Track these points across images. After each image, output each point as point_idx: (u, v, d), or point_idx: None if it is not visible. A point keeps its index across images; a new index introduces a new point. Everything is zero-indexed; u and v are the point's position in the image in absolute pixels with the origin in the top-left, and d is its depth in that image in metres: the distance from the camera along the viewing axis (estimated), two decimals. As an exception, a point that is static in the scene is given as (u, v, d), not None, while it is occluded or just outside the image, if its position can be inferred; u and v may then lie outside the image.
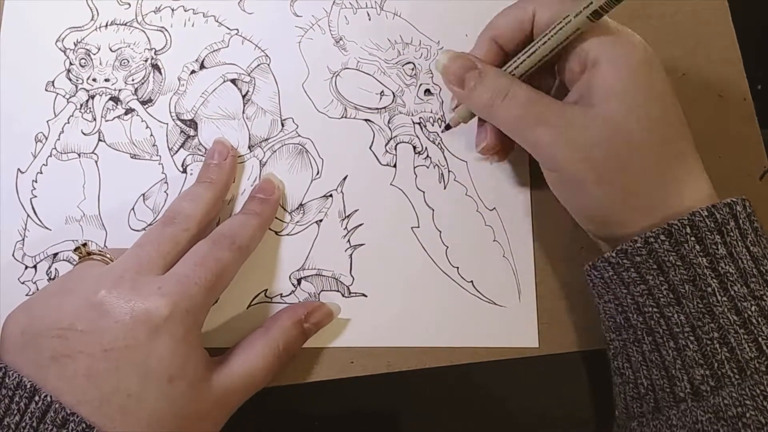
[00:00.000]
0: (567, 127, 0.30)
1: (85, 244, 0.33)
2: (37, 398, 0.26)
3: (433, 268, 0.37)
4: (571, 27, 0.31)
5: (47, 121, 0.39)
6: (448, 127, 0.37)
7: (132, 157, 0.38)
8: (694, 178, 0.31)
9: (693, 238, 0.29)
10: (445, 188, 0.38)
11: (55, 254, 0.37)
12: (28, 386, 0.27)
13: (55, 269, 0.37)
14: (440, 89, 0.39)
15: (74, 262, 0.33)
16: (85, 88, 0.39)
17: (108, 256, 0.32)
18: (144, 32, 0.40)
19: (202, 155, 0.38)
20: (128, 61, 0.39)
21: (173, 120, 0.39)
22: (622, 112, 0.30)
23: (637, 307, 0.30)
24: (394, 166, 0.38)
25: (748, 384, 0.27)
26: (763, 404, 0.26)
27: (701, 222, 0.29)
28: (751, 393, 0.27)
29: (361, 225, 0.37)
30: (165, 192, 0.38)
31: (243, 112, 0.39)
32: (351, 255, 0.37)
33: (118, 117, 0.39)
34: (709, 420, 0.27)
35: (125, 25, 0.40)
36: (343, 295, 0.36)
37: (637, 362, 0.31)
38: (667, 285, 0.29)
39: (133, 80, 0.39)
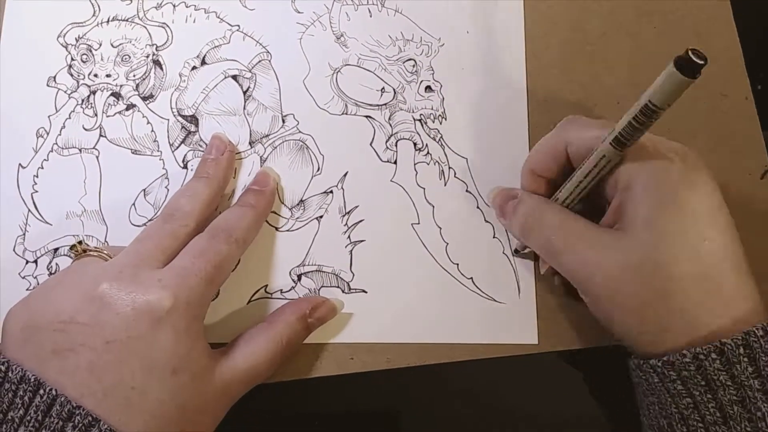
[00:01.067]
0: (595, 253, 0.30)
1: (81, 242, 0.33)
2: (41, 392, 0.26)
3: (433, 265, 0.37)
4: (597, 155, 0.30)
5: (48, 117, 0.39)
6: (516, 252, 0.37)
7: (133, 153, 0.38)
8: (742, 293, 0.29)
9: (746, 359, 0.27)
10: (445, 185, 0.38)
11: (56, 249, 0.37)
12: (32, 380, 0.27)
13: (56, 264, 0.37)
14: (441, 86, 0.39)
15: (72, 259, 0.33)
16: (86, 84, 0.39)
17: (105, 253, 0.32)
18: (145, 28, 0.40)
19: (202, 151, 0.38)
20: (130, 57, 0.40)
21: (174, 116, 0.39)
22: (651, 240, 0.29)
23: (681, 417, 0.29)
24: (395, 162, 0.38)
25: None
26: None
27: (755, 342, 0.27)
28: None
29: (361, 221, 0.37)
30: (166, 187, 0.38)
31: (244, 108, 0.39)
32: (351, 251, 0.37)
33: (120, 112, 0.39)
34: None
35: (127, 20, 0.40)
36: (343, 291, 0.36)
37: None
38: (714, 403, 0.28)
39: (134, 76, 0.39)
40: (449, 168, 0.38)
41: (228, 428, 0.32)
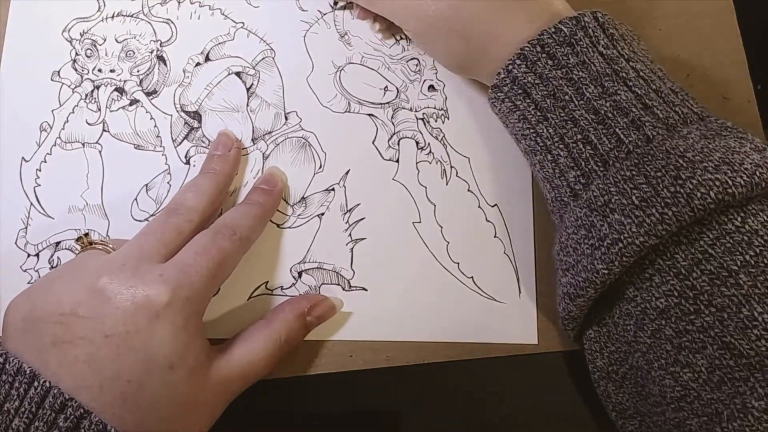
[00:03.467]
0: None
1: (87, 234, 0.33)
2: (36, 384, 0.27)
3: (433, 264, 0.37)
4: None
5: (52, 111, 0.39)
6: (335, 4, 0.39)
7: (136, 148, 0.38)
8: (540, 7, 0.33)
9: (545, 55, 0.31)
10: (447, 184, 0.38)
11: (58, 243, 0.37)
12: (28, 372, 0.27)
13: (57, 258, 0.37)
14: (443, 85, 0.39)
15: (76, 251, 0.33)
16: (90, 79, 0.39)
17: (110, 246, 0.32)
18: (150, 24, 0.40)
19: (205, 147, 0.38)
20: (134, 53, 0.40)
21: (177, 111, 0.39)
22: None
23: (521, 133, 0.33)
24: (397, 161, 0.38)
25: (611, 173, 0.29)
26: (624, 187, 0.28)
27: (549, 38, 0.31)
28: (613, 179, 0.28)
29: (362, 219, 0.37)
30: (168, 183, 0.38)
31: (247, 105, 0.39)
32: (352, 249, 0.37)
33: (123, 108, 0.39)
34: (585, 214, 0.29)
35: (131, 16, 0.40)
36: (343, 289, 0.37)
37: (540, 181, 0.33)
38: (533, 105, 0.32)
39: (138, 71, 0.39)
40: (451, 167, 0.38)
41: (228, 428, 0.32)
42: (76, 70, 0.39)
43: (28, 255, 0.37)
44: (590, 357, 0.32)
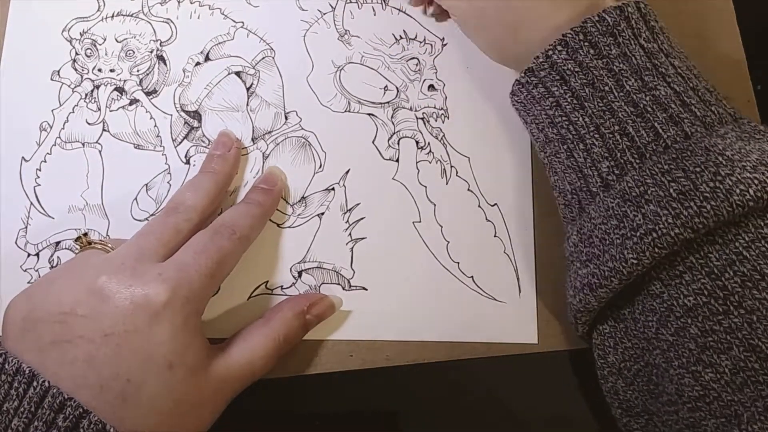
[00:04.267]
0: None
1: (86, 234, 0.33)
2: (35, 384, 0.27)
3: (433, 263, 0.37)
4: None
5: (52, 111, 0.39)
6: None
7: (135, 148, 0.38)
8: None
9: (587, 44, 0.31)
10: (447, 183, 0.38)
11: (58, 242, 0.37)
12: (27, 372, 0.27)
13: (57, 257, 0.37)
14: (443, 85, 0.39)
15: (76, 251, 0.33)
16: (90, 78, 0.39)
17: (109, 245, 0.32)
18: (150, 23, 0.40)
19: (205, 147, 0.38)
20: (134, 52, 0.40)
21: (177, 111, 0.39)
22: None
23: (550, 120, 0.32)
24: (397, 160, 0.38)
25: (648, 165, 0.29)
26: (662, 179, 0.28)
27: (593, 27, 0.31)
28: (650, 172, 0.28)
29: (362, 219, 0.37)
30: (168, 183, 0.38)
31: (247, 105, 0.39)
32: (352, 248, 0.37)
33: (123, 107, 0.39)
34: (618, 204, 0.29)
35: (131, 16, 0.40)
36: (343, 288, 0.36)
37: (561, 171, 0.33)
38: (570, 92, 0.31)
39: (138, 71, 0.39)
40: (451, 166, 0.38)
41: (227, 427, 0.32)
42: (75, 69, 0.39)
43: (28, 255, 0.37)
44: (601, 352, 0.32)
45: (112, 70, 0.39)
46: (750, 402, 0.25)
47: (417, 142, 0.39)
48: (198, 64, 0.40)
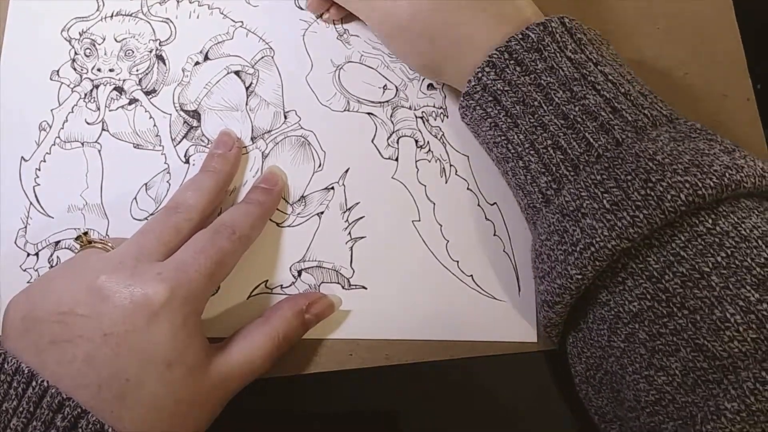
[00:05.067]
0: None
1: (86, 233, 0.33)
2: (34, 383, 0.27)
3: (433, 262, 0.37)
4: None
5: (51, 110, 0.39)
6: None
7: (135, 147, 0.38)
8: (507, 16, 0.33)
9: (512, 62, 0.31)
10: (446, 182, 0.38)
11: (57, 242, 0.37)
12: (26, 371, 0.27)
13: (57, 257, 0.37)
14: (443, 84, 0.39)
15: (76, 250, 0.33)
16: (89, 78, 0.39)
17: (109, 244, 0.32)
18: (149, 23, 0.40)
19: (204, 146, 0.38)
20: (133, 52, 0.40)
21: (177, 111, 0.39)
22: None
23: (493, 141, 0.33)
24: (396, 159, 0.38)
25: (582, 177, 0.29)
26: (595, 191, 0.28)
27: (517, 45, 0.31)
28: (584, 184, 0.28)
29: (362, 218, 0.37)
30: (167, 182, 0.38)
31: (246, 104, 0.39)
32: (352, 247, 0.37)
33: (122, 107, 0.39)
34: (558, 219, 0.29)
35: (130, 15, 0.40)
36: (343, 287, 0.37)
37: (512, 188, 0.34)
38: (504, 111, 0.32)
39: (137, 71, 0.39)
40: (450, 165, 0.38)
41: (226, 427, 0.32)
42: (75, 69, 0.39)
43: (28, 254, 0.37)
44: (571, 362, 0.33)
45: (111, 70, 0.39)
46: (702, 402, 0.25)
47: (416, 141, 0.39)
48: (197, 63, 0.40)
